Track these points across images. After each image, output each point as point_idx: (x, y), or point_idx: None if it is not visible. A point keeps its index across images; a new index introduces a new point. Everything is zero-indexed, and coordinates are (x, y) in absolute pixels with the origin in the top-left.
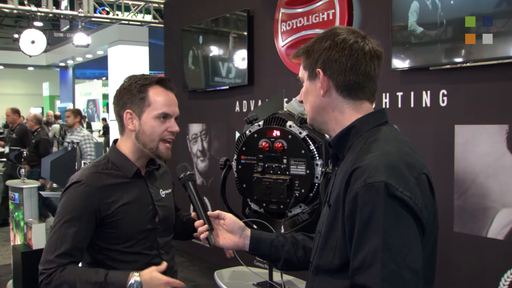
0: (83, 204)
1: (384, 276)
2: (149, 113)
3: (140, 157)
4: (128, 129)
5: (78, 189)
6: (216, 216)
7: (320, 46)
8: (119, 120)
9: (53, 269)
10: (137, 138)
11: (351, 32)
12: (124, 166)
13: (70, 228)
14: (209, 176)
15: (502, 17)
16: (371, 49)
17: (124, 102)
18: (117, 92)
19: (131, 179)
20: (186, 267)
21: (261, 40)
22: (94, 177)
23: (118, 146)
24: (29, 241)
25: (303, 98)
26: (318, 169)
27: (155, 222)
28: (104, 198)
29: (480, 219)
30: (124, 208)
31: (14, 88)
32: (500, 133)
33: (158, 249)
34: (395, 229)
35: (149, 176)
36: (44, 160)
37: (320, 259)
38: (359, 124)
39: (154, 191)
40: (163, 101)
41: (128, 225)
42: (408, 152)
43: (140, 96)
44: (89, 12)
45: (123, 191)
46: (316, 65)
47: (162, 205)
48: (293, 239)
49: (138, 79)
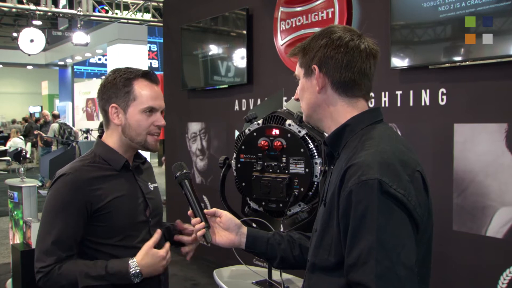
0: (71, 196)
1: (379, 273)
2: (135, 107)
3: (127, 151)
4: (113, 123)
5: (65, 181)
6: (213, 214)
7: (316, 43)
8: (104, 114)
9: (51, 267)
10: (124, 132)
11: (347, 31)
12: (112, 159)
13: (60, 219)
14: (209, 175)
15: (502, 16)
16: (366, 47)
17: (109, 96)
18: (101, 86)
19: (119, 172)
20: (185, 266)
21: (260, 38)
22: (81, 169)
23: (104, 140)
24: (28, 240)
25: (299, 95)
26: (317, 168)
27: (147, 215)
28: (93, 190)
29: (479, 217)
30: (117, 201)
31: (13, 87)
32: (499, 131)
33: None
34: (388, 226)
35: (136, 169)
36: (43, 159)
37: (316, 257)
38: (354, 122)
39: (143, 184)
40: (148, 95)
41: (120, 218)
42: (403, 150)
43: (125, 90)
44: (88, 11)
45: (113, 183)
46: (312, 62)
47: (151, 197)
48: (289, 237)
49: (123, 73)
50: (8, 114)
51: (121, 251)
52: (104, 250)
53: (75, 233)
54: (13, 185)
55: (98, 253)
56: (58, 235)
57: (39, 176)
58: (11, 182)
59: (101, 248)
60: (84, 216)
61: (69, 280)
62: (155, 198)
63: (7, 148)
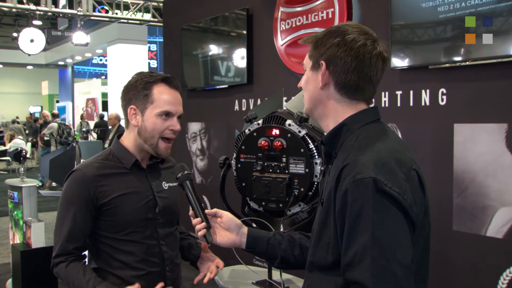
0: (78, 191)
1: (375, 272)
2: (152, 110)
3: (141, 151)
4: (131, 124)
5: (74, 176)
6: (213, 214)
7: (329, 40)
8: (125, 114)
9: (61, 261)
10: (139, 133)
11: (362, 33)
12: (124, 157)
13: (69, 212)
14: (209, 175)
15: (502, 16)
16: (378, 53)
17: (130, 98)
18: (125, 87)
19: (129, 170)
20: (186, 266)
21: (260, 39)
22: (91, 166)
23: (121, 140)
24: (28, 240)
25: (303, 86)
26: (317, 168)
27: (156, 212)
28: (99, 186)
29: (479, 217)
30: (121, 197)
31: (13, 87)
32: (499, 131)
33: (158, 239)
34: (384, 225)
35: (151, 168)
36: (43, 159)
37: (314, 256)
38: (351, 121)
39: (155, 183)
40: (166, 99)
41: (124, 213)
42: (398, 149)
43: (144, 93)
44: (88, 11)
45: (120, 180)
46: (321, 58)
47: (163, 196)
48: (290, 237)
49: (144, 76)
50: (8, 114)
51: (125, 245)
52: (110, 243)
53: (83, 225)
54: (13, 185)
55: (103, 245)
56: (68, 227)
57: (39, 176)
58: (11, 182)
59: (107, 241)
60: (91, 210)
61: (68, 281)
62: (169, 197)
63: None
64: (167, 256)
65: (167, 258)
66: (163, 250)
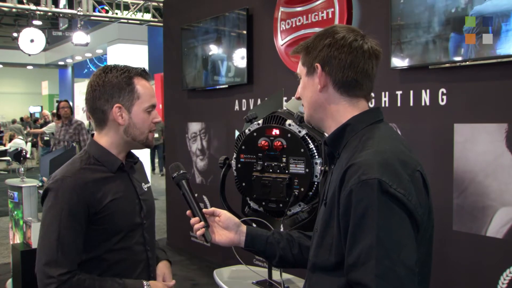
0: (73, 200)
1: (379, 273)
2: (139, 106)
3: (122, 151)
4: (115, 123)
5: (65, 185)
6: (211, 213)
7: (320, 43)
8: (100, 113)
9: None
10: (126, 131)
11: (350, 31)
12: (107, 160)
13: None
14: (209, 175)
15: (502, 16)
16: (369, 48)
17: (110, 96)
18: (96, 85)
19: (114, 174)
20: (185, 266)
21: (260, 39)
22: (80, 172)
23: (98, 141)
24: (28, 240)
25: (300, 94)
26: (317, 168)
27: (141, 216)
28: (93, 193)
29: (479, 217)
30: (114, 203)
31: (14, 87)
32: (499, 131)
33: (145, 244)
34: (389, 226)
35: (130, 169)
36: (43, 159)
37: (316, 257)
38: (355, 122)
39: (137, 185)
40: (148, 93)
41: (118, 220)
42: (403, 150)
43: (129, 89)
44: (88, 11)
45: (110, 185)
46: (315, 61)
47: (145, 199)
48: (288, 236)
49: (122, 71)
50: (8, 114)
51: (117, 254)
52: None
53: (80, 237)
54: (13, 185)
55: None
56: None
57: (39, 176)
58: (11, 182)
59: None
60: (86, 220)
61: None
62: (149, 199)
63: (7, 148)
64: (152, 262)
65: (152, 264)
66: (149, 256)
